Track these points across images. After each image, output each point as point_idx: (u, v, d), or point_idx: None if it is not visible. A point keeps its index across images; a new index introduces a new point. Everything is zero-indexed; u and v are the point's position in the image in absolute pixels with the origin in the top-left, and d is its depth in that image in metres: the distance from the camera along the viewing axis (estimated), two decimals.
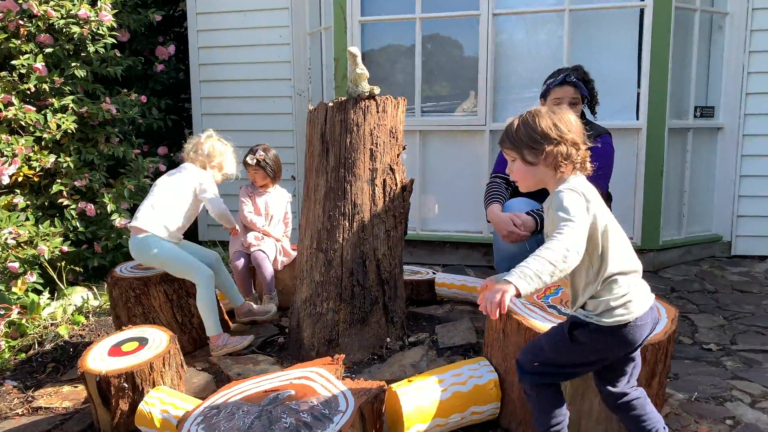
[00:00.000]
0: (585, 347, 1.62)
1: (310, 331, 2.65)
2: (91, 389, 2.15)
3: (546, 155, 1.59)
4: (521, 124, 1.64)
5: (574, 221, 1.48)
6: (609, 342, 1.59)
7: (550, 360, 1.68)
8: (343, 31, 4.37)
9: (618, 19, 4.02)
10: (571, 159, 1.59)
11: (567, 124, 1.60)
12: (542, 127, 1.59)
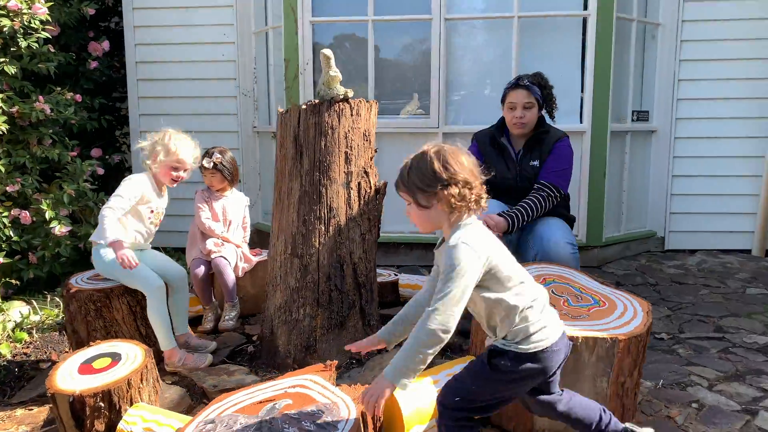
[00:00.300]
0: (506, 376, 1.61)
1: (286, 338, 2.59)
2: (62, 411, 2.01)
3: (438, 198, 1.55)
4: (412, 167, 1.59)
5: (452, 290, 1.49)
6: (527, 368, 1.60)
7: (472, 393, 1.65)
8: (294, 31, 4.31)
9: (563, 26, 4.19)
10: (465, 199, 1.55)
11: (457, 164, 1.55)
12: (432, 168, 1.54)
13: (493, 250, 1.58)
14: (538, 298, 1.63)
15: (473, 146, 3.08)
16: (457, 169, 1.54)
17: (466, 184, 1.54)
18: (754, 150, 4.48)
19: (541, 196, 2.79)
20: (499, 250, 1.61)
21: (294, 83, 4.37)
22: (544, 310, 1.64)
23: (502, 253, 1.61)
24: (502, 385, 1.64)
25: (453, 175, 1.53)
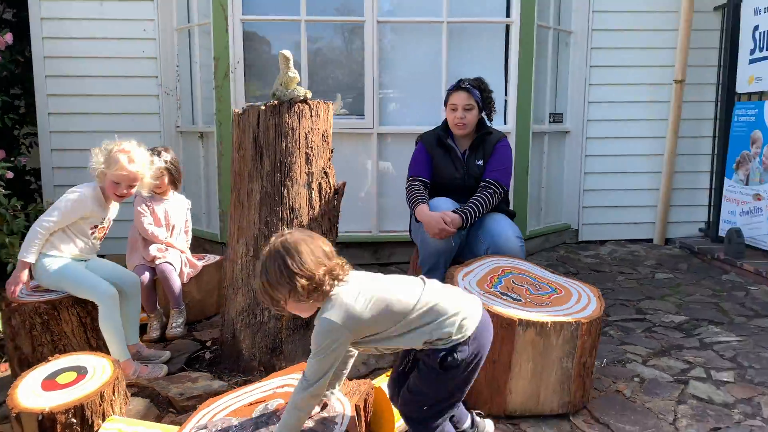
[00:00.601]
0: (460, 368, 1.66)
1: (250, 341, 2.57)
2: (30, 429, 1.89)
3: (299, 294, 1.59)
4: (264, 275, 1.63)
5: (319, 366, 1.60)
6: (474, 351, 1.67)
7: (435, 399, 1.71)
8: (224, 29, 4.22)
9: (488, 32, 4.41)
10: (320, 287, 1.60)
11: (298, 261, 1.59)
12: (277, 277, 1.59)
13: (377, 289, 1.65)
14: (428, 293, 1.69)
15: (419, 147, 3.19)
16: (296, 268, 1.58)
17: (310, 277, 1.58)
18: (655, 149, 4.94)
19: (488, 192, 2.95)
20: (382, 285, 1.68)
21: (224, 82, 4.28)
22: (452, 298, 1.70)
23: (373, 301, 1.63)
24: (460, 377, 1.70)
25: (300, 272, 1.57)
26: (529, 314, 2.12)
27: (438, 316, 1.65)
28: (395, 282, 1.73)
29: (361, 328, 1.63)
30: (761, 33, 4.25)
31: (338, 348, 1.61)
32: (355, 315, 1.60)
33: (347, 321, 1.59)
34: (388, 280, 1.75)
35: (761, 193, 4.21)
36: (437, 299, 1.68)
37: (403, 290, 1.69)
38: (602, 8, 4.78)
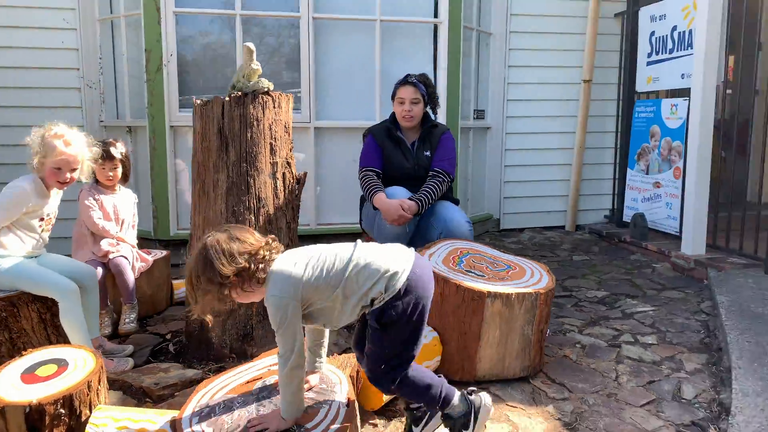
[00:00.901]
0: (401, 322, 1.71)
1: (220, 330, 2.60)
2: (14, 425, 1.83)
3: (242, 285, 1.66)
4: (197, 288, 1.66)
5: (286, 341, 1.66)
6: (408, 302, 1.71)
7: (389, 355, 1.76)
8: (156, 21, 4.14)
9: (419, 32, 4.63)
10: (253, 275, 1.66)
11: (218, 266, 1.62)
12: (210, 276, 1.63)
13: (309, 257, 1.71)
14: (361, 253, 1.74)
15: (369, 140, 3.33)
16: (229, 260, 1.63)
17: (241, 270, 1.64)
18: (566, 143, 5.38)
19: (437, 181, 3.15)
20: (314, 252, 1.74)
21: (157, 75, 4.19)
22: (382, 256, 1.74)
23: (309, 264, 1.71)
24: (406, 330, 1.74)
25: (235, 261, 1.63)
26: (495, 287, 2.33)
27: (373, 274, 1.69)
28: (328, 246, 1.80)
29: (305, 293, 1.67)
30: (657, 38, 4.76)
31: (292, 317, 1.65)
32: (293, 279, 1.66)
33: (288, 289, 1.65)
34: (321, 245, 1.81)
35: (660, 181, 4.73)
36: (369, 258, 1.72)
37: (337, 250, 1.76)
38: (519, 12, 5.14)
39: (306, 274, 1.68)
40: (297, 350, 1.67)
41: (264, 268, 1.68)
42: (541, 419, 2.18)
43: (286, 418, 1.70)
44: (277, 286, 1.67)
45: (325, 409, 1.78)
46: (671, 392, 2.42)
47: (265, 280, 1.69)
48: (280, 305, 1.65)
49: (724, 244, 4.10)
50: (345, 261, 1.72)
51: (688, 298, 3.62)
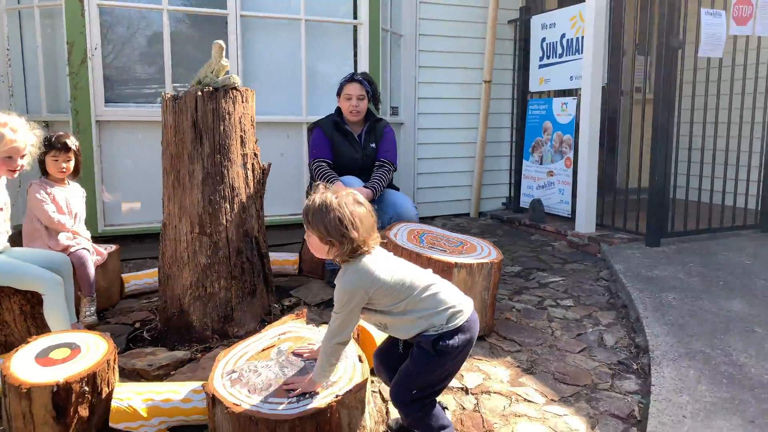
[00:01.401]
0: (452, 354, 1.82)
1: (201, 312, 2.72)
2: (39, 405, 1.88)
3: (340, 244, 1.78)
4: (321, 211, 1.78)
5: (338, 313, 1.80)
6: (463, 339, 1.83)
7: (425, 382, 1.86)
8: (80, 13, 4.05)
9: (341, 32, 4.89)
10: (355, 251, 1.78)
11: (356, 228, 1.76)
12: (339, 222, 1.75)
13: (387, 266, 1.82)
14: (435, 283, 1.87)
15: (318, 132, 3.56)
16: (356, 226, 1.76)
17: (363, 241, 1.79)
18: (469, 137, 5.91)
19: (385, 170, 3.46)
20: (392, 264, 1.85)
21: (81, 68, 4.09)
22: (448, 289, 1.89)
23: (394, 265, 1.85)
24: (450, 363, 1.85)
25: (353, 230, 1.76)
26: (459, 259, 2.69)
27: (437, 305, 1.83)
28: (412, 266, 1.94)
29: (376, 294, 1.80)
30: (548, 44, 5.40)
31: (355, 305, 1.79)
32: (374, 277, 1.78)
33: (365, 282, 1.78)
34: (406, 262, 1.94)
35: (553, 170, 5.38)
36: (441, 289, 1.86)
37: (419, 273, 1.88)
38: (426, 16, 5.56)
39: (385, 278, 1.79)
40: (347, 333, 1.83)
41: (362, 253, 1.80)
42: (504, 367, 2.57)
43: (316, 382, 1.89)
44: (358, 275, 1.78)
45: (343, 363, 2.02)
46: (596, 341, 2.92)
47: (350, 260, 1.81)
48: (351, 291, 1.78)
49: (611, 223, 4.80)
50: (423, 284, 1.84)
51: (587, 268, 4.22)
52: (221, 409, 1.85)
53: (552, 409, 2.24)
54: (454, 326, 1.82)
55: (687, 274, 3.68)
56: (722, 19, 4.36)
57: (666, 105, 4.24)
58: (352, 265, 1.81)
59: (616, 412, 2.23)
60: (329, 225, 1.77)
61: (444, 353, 1.82)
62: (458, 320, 1.83)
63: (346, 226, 1.76)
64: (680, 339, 2.71)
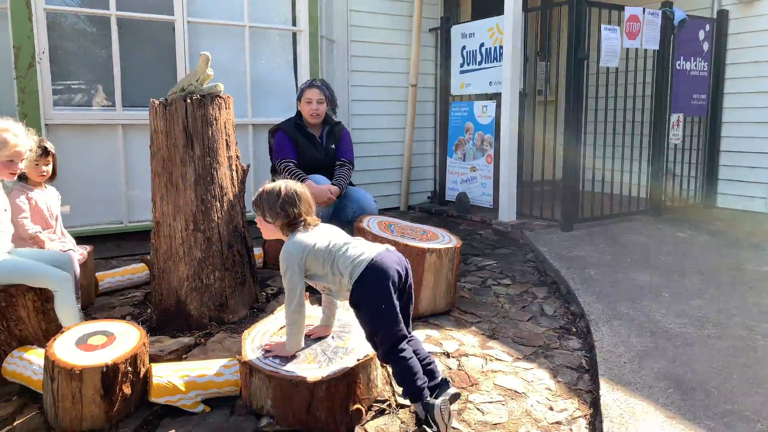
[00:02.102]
0: (365, 300, 2.12)
1: (198, 302, 2.95)
2: (88, 386, 2.08)
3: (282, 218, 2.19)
4: (264, 200, 2.22)
5: (284, 281, 2.16)
6: (370, 281, 2.09)
7: (372, 329, 2.15)
8: (27, 17, 4.04)
9: (282, 38, 5.15)
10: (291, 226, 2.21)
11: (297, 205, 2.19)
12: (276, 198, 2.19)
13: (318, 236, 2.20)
14: (349, 243, 2.21)
15: (281, 135, 3.84)
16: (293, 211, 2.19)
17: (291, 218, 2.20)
18: (398, 137, 6.36)
19: (346, 169, 3.82)
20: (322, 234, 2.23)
21: (29, 72, 4.09)
22: (355, 247, 2.18)
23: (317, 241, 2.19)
24: (371, 309, 2.12)
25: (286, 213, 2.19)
26: (429, 245, 3.11)
27: (345, 264, 2.13)
28: (343, 234, 2.30)
29: (308, 261, 2.16)
30: (468, 52, 5.96)
31: (294, 272, 2.14)
32: (303, 246, 2.16)
33: (297, 251, 2.15)
34: (341, 232, 2.31)
35: (476, 166, 5.95)
36: (350, 248, 2.17)
37: (336, 237, 2.24)
38: (356, 23, 5.93)
39: (311, 246, 2.17)
40: (297, 299, 2.16)
41: (299, 229, 2.21)
42: (471, 335, 3.03)
43: (288, 350, 2.23)
44: (292, 245, 2.17)
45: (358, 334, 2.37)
46: (538, 311, 3.45)
47: (288, 234, 2.21)
48: (286, 259, 2.16)
49: (529, 212, 5.43)
50: (339, 244, 2.18)
51: (514, 252, 4.80)
52: (259, 377, 2.15)
53: (519, 365, 2.72)
54: (358, 274, 2.10)
55: (600, 253, 4.34)
56: (617, 33, 5.10)
57: (575, 107, 4.91)
58: (289, 237, 2.20)
59: (569, 365, 2.75)
60: (272, 202, 2.20)
61: (359, 306, 2.14)
62: (358, 270, 2.10)
63: (285, 202, 2.18)
64: (607, 305, 3.29)
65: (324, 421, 2.11)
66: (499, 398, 2.42)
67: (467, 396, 2.43)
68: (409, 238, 3.20)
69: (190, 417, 2.24)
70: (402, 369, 2.12)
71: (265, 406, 2.17)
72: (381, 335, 2.12)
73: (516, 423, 2.26)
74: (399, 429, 2.20)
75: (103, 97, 4.46)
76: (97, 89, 4.45)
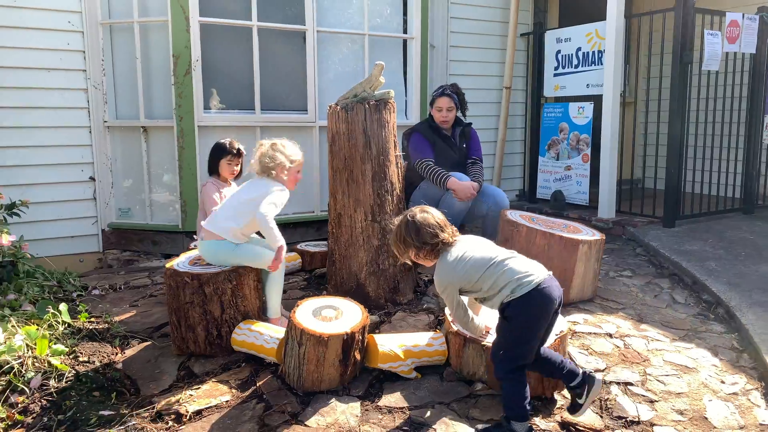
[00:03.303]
0: (518, 319, 2.20)
1: (375, 285, 3.30)
2: (331, 351, 2.43)
3: (427, 253, 2.36)
4: (400, 240, 2.37)
5: (442, 296, 2.40)
6: (531, 305, 2.18)
7: (504, 344, 2.24)
8: (185, 28, 4.46)
9: (393, 45, 5.50)
10: (434, 250, 2.34)
11: (424, 233, 2.32)
12: (422, 234, 2.32)
13: (468, 249, 2.34)
14: (506, 259, 2.28)
15: (418, 136, 4.16)
16: (424, 239, 2.33)
17: (429, 245, 2.34)
18: (489, 137, 6.64)
19: (479, 166, 4.14)
20: (470, 247, 2.35)
21: (186, 79, 4.50)
22: (519, 263, 2.26)
23: (470, 246, 2.35)
24: (519, 327, 2.21)
25: (422, 243, 2.34)
26: (580, 236, 3.39)
27: (506, 281, 2.22)
28: (489, 246, 2.40)
29: (459, 283, 2.33)
30: (563, 56, 6.21)
31: (450, 291, 2.33)
32: (452, 274, 2.30)
33: (447, 278, 2.32)
34: (485, 242, 2.42)
35: (571, 165, 6.20)
36: (511, 264, 2.27)
37: (490, 254, 2.32)
38: (456, 29, 6.24)
39: (460, 274, 2.30)
40: (456, 311, 2.41)
41: (445, 249, 2.35)
42: (621, 319, 3.30)
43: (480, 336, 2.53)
44: (441, 273, 2.34)
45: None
46: (670, 300, 3.70)
47: (438, 259, 2.34)
48: (441, 284, 2.36)
49: (628, 209, 5.66)
50: (496, 261, 2.27)
51: (621, 247, 5.04)
52: (473, 347, 2.47)
53: (679, 345, 2.99)
54: (522, 294, 2.19)
55: (712, 247, 4.56)
56: (719, 38, 5.30)
57: (679, 110, 5.13)
58: (440, 260, 2.35)
59: (722, 345, 3.01)
60: (415, 241, 2.34)
61: (510, 319, 2.22)
62: (525, 288, 2.18)
63: (423, 235, 2.31)
64: (742, 294, 3.53)
65: (533, 387, 2.42)
66: (674, 372, 2.70)
67: (644, 369, 2.71)
68: (557, 230, 3.49)
69: (407, 381, 2.57)
70: (515, 392, 2.22)
71: (478, 372, 2.49)
72: (512, 354, 2.22)
73: (697, 393, 2.54)
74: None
75: (243, 101, 4.85)
76: (239, 93, 4.85)
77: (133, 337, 3.08)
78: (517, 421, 2.20)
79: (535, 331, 2.21)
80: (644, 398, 2.48)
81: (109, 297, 3.74)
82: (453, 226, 2.43)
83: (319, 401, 2.43)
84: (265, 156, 2.91)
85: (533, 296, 2.18)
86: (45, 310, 3.11)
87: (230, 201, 2.99)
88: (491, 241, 2.48)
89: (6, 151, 4.35)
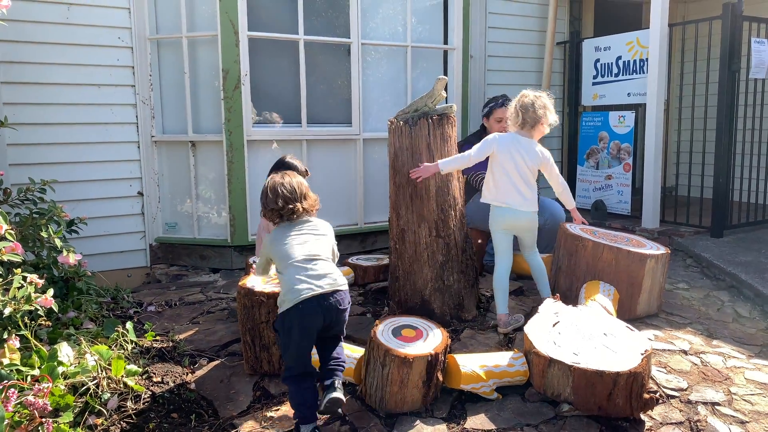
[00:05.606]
0: (280, 331, 2.35)
1: (440, 301, 3.27)
2: (416, 372, 2.40)
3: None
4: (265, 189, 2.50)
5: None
6: (286, 322, 2.30)
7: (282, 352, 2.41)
8: (234, 43, 4.47)
9: (434, 56, 5.49)
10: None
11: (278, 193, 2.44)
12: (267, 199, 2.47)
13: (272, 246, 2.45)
14: (297, 263, 2.35)
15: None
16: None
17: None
18: None
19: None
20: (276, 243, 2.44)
21: (235, 93, 4.51)
22: (304, 271, 2.32)
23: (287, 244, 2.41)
24: (283, 339, 2.34)
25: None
26: (647, 251, 3.34)
27: (286, 284, 2.34)
28: (302, 242, 2.42)
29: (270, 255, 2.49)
30: (602, 64, 6.17)
31: (263, 254, 2.56)
32: (271, 246, 2.46)
33: (268, 247, 2.50)
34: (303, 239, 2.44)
35: (612, 174, 6.14)
36: (297, 271, 2.33)
37: (296, 250, 2.39)
38: (493, 39, 6.21)
39: (272, 251, 2.48)
40: (259, 269, 2.64)
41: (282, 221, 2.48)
42: (691, 335, 3.25)
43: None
44: (267, 238, 2.54)
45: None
46: (733, 313, 3.64)
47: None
48: (264, 246, 2.55)
49: (672, 219, 5.59)
50: (291, 260, 2.37)
51: (672, 258, 4.96)
52: (559, 367, 2.43)
53: (758, 362, 2.93)
54: (283, 309, 2.30)
55: (767, 258, 4.49)
56: (766, 46, 5.24)
57: (727, 118, 5.06)
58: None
59: None
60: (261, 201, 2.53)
61: (276, 330, 2.37)
62: (283, 305, 2.31)
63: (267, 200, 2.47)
64: None
65: (621, 408, 2.38)
66: (759, 391, 2.64)
67: (728, 388, 2.66)
68: (622, 244, 3.45)
69: (489, 403, 2.54)
70: (293, 392, 2.37)
71: (563, 393, 2.45)
72: (287, 359, 2.38)
73: None
74: (680, 416, 2.45)
75: (289, 115, 4.85)
76: (285, 107, 4.85)
77: (200, 356, 3.06)
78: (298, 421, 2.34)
79: (292, 344, 2.31)
80: (734, 419, 2.43)
81: (167, 314, 3.74)
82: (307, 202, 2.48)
83: (404, 423, 2.40)
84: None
85: (290, 311, 2.27)
86: (112, 329, 3.10)
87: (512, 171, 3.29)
88: (321, 238, 2.48)
89: (57, 167, 4.37)
